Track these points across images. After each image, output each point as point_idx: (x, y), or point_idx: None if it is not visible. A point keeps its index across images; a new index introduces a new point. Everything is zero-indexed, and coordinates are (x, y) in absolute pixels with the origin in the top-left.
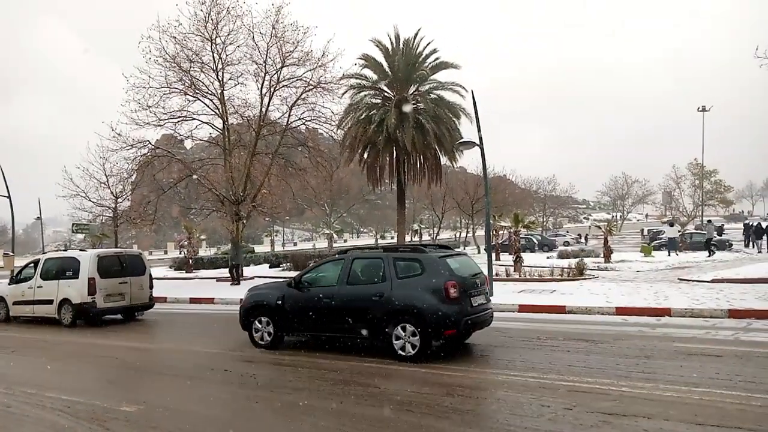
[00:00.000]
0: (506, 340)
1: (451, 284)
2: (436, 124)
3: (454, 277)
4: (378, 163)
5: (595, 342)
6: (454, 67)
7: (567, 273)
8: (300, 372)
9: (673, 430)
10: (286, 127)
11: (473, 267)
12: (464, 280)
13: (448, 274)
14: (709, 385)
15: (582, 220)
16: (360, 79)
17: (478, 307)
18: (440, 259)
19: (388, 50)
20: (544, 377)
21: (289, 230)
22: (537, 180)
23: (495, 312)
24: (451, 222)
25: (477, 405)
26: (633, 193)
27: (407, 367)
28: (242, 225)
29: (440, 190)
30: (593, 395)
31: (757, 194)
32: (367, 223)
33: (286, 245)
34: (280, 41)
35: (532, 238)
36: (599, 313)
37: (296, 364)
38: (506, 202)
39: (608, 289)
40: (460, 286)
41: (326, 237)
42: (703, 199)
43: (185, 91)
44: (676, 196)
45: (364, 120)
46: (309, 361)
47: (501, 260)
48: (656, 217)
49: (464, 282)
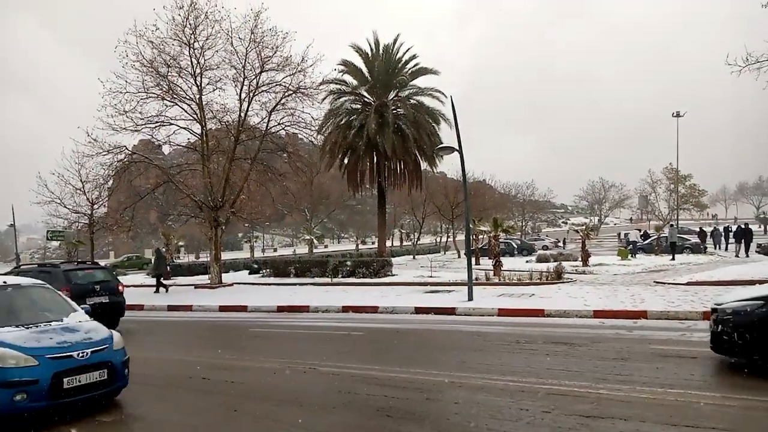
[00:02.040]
0: (486, 344)
1: None
2: (416, 129)
3: None
4: (358, 168)
5: (574, 345)
6: (433, 73)
7: (545, 277)
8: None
9: (650, 431)
10: (265, 132)
11: None
12: None
13: None
14: (685, 387)
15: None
16: (340, 85)
17: None
18: None
19: (368, 56)
20: (523, 381)
21: (269, 236)
22: (516, 185)
23: (475, 316)
24: (431, 226)
25: (457, 409)
26: (610, 197)
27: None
28: (221, 231)
29: (420, 195)
30: (571, 398)
31: (730, 198)
32: (348, 228)
33: (266, 251)
34: (258, 46)
35: (511, 242)
36: (577, 316)
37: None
38: (486, 206)
39: (586, 293)
40: None
41: (307, 243)
42: (678, 203)
43: (163, 96)
44: (652, 200)
45: (345, 125)
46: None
47: (481, 264)
48: (633, 221)
49: None
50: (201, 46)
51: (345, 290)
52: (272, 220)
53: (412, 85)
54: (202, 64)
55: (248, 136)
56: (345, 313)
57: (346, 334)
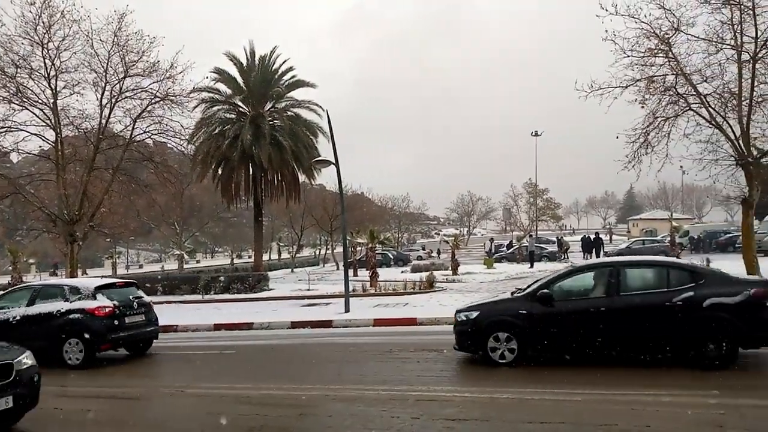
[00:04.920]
0: (361, 355)
1: None
2: (294, 141)
3: None
4: (233, 180)
5: (442, 351)
6: (310, 86)
7: (419, 286)
8: None
9: (509, 429)
10: (129, 140)
11: None
12: None
13: None
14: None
15: (434, 235)
16: (213, 93)
17: None
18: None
19: (243, 66)
20: (395, 389)
21: (134, 251)
22: (393, 197)
23: (352, 327)
24: (311, 239)
25: (331, 422)
26: (477, 209)
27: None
28: (78, 247)
29: (299, 208)
30: (439, 403)
31: (582, 210)
32: (223, 242)
33: (130, 268)
34: (122, 50)
35: (387, 253)
36: (447, 323)
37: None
38: (364, 219)
39: (455, 300)
40: None
41: (177, 258)
42: (537, 215)
43: (10, 98)
44: (515, 212)
45: (218, 135)
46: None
47: (359, 276)
48: (498, 232)
49: None
50: (57, 47)
51: (217, 307)
52: (138, 234)
53: (289, 96)
54: (57, 66)
55: (110, 145)
56: (217, 331)
57: (217, 353)
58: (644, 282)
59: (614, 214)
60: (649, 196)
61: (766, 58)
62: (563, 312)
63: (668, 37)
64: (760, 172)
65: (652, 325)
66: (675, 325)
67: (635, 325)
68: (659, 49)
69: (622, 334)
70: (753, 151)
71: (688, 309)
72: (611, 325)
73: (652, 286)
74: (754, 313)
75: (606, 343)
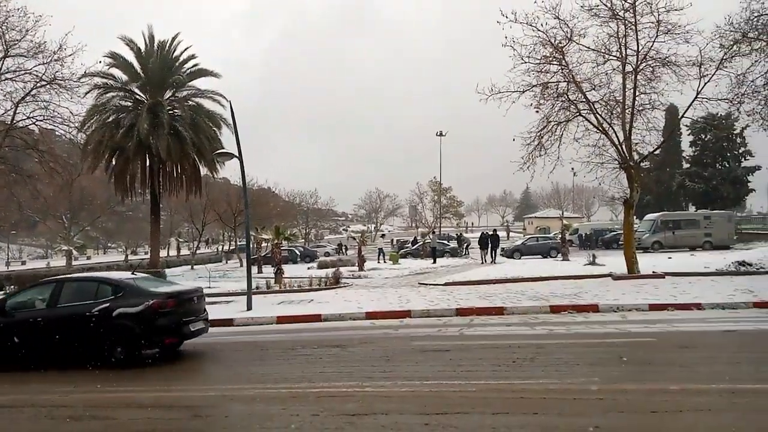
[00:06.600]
0: (262, 354)
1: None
2: (195, 132)
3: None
4: (128, 171)
5: (345, 347)
6: (213, 75)
7: (325, 282)
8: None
9: (407, 422)
10: (10, 126)
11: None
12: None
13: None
14: (438, 378)
15: (341, 231)
16: (107, 79)
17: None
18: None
19: (141, 51)
20: (296, 386)
21: (16, 246)
22: (300, 193)
23: (254, 325)
24: (213, 235)
25: (227, 423)
26: (385, 206)
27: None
28: None
29: (201, 202)
30: (340, 398)
31: (482, 208)
32: (117, 237)
33: (11, 264)
34: (2, 27)
35: (294, 249)
36: (351, 318)
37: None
38: (270, 214)
39: (360, 296)
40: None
41: (65, 254)
42: (441, 212)
43: None
44: (420, 209)
45: (112, 123)
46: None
47: (263, 273)
48: (404, 228)
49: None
50: None
51: None
52: (20, 228)
53: (190, 85)
54: None
55: None
56: None
57: None
58: (79, 295)
59: (512, 213)
60: (543, 195)
61: (647, 71)
62: (18, 322)
63: (562, 46)
64: (640, 175)
65: (78, 332)
66: (92, 331)
67: (66, 332)
68: (554, 57)
69: (58, 340)
70: (634, 156)
71: (102, 318)
72: (51, 333)
73: (83, 299)
74: (150, 321)
75: (49, 348)
